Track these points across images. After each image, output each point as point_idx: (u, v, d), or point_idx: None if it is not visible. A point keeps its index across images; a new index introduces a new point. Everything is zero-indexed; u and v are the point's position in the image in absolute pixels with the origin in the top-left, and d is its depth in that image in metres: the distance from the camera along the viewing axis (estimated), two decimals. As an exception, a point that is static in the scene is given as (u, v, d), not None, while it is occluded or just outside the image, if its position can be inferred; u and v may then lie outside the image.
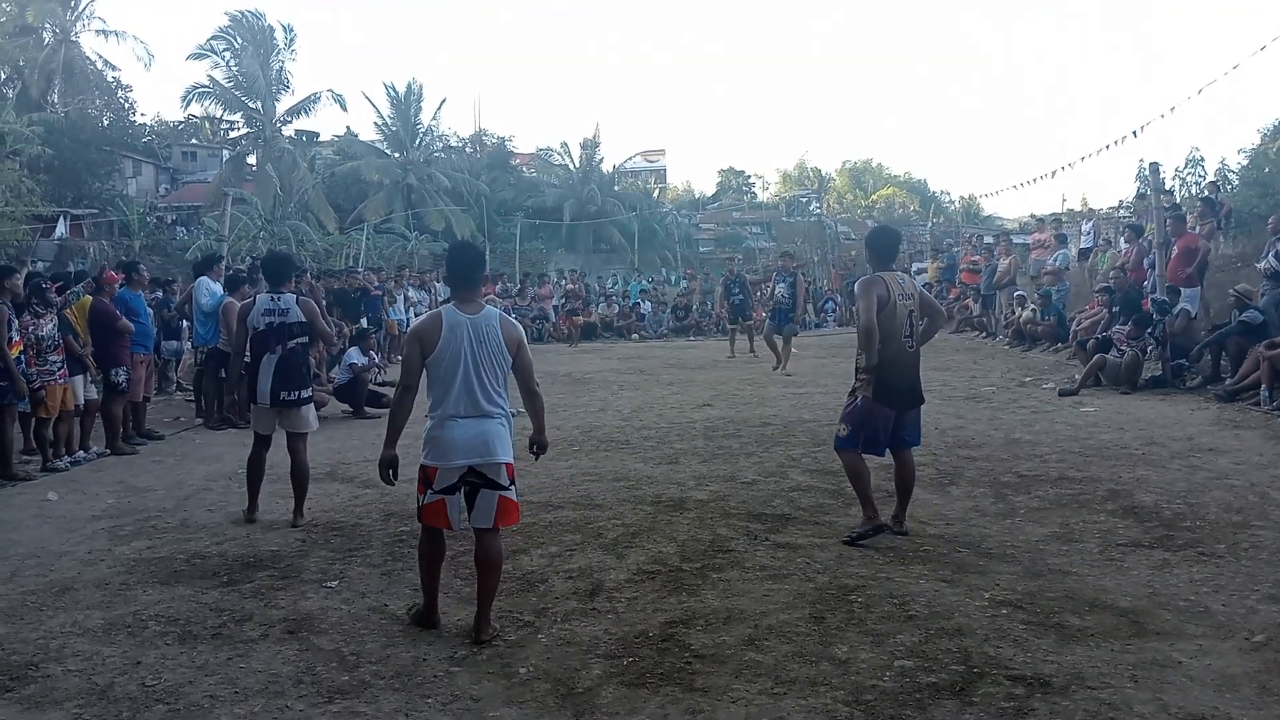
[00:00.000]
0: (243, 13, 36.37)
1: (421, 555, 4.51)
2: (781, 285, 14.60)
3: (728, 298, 17.24)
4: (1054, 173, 37.47)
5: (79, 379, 8.96)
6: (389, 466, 4.45)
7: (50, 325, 8.61)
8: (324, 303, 13.13)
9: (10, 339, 8.02)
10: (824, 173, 66.45)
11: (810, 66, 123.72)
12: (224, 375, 10.98)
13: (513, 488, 4.40)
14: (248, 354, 6.59)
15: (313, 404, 6.72)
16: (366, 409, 11.49)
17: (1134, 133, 14.74)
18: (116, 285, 9.78)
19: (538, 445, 4.65)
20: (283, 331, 6.42)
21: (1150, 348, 11.54)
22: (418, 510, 4.44)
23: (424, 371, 4.36)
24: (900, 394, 5.64)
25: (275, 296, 6.51)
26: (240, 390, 6.89)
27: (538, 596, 4.80)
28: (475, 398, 4.29)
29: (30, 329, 8.39)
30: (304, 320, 6.47)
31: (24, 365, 8.20)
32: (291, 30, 37.83)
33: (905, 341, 5.63)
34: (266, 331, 6.42)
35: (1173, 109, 17.71)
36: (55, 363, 8.56)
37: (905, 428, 5.75)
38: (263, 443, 6.64)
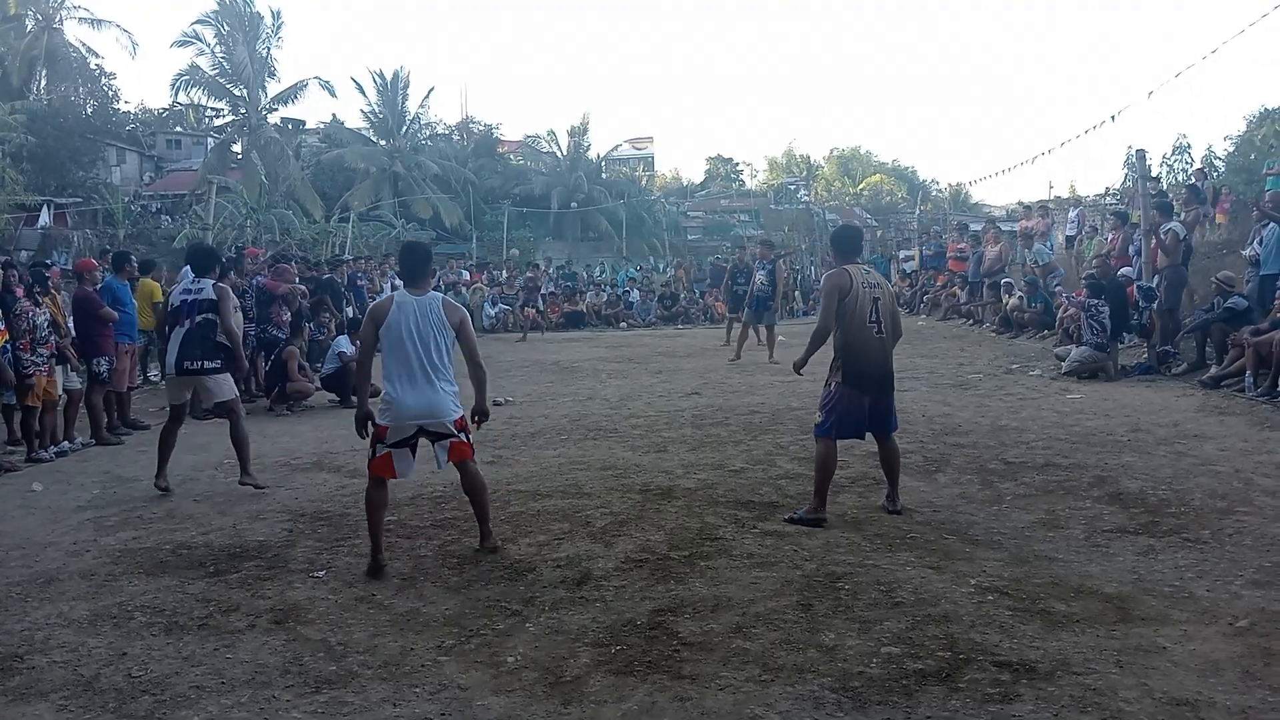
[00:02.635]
0: (233, -3, 36.05)
1: (369, 503, 5.10)
2: (761, 273, 14.53)
3: (731, 286, 16.77)
4: (1034, 159, 38.10)
5: (59, 369, 8.91)
6: (363, 422, 5.14)
7: (44, 314, 8.56)
8: (296, 283, 13.03)
9: (-4, 329, 7.98)
10: (812, 160, 66.44)
11: (798, 54, 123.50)
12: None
13: (462, 434, 5.14)
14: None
15: (225, 376, 7.01)
16: (354, 398, 11.43)
17: (1111, 117, 14.91)
18: (97, 273, 9.71)
19: (479, 414, 5.32)
20: (193, 307, 6.90)
21: (1100, 319, 11.45)
22: (368, 463, 5.15)
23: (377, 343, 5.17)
24: (870, 379, 5.71)
25: (196, 280, 7.05)
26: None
27: (525, 585, 4.80)
28: (422, 365, 5.01)
29: (29, 314, 8.34)
30: (213, 299, 6.91)
31: (10, 354, 8.14)
32: (279, 16, 37.57)
33: (871, 327, 5.69)
34: (180, 306, 6.97)
35: (1150, 93, 17.94)
36: (43, 355, 8.50)
37: (881, 414, 5.83)
38: (174, 416, 7.15)
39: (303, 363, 11.87)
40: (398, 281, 20.23)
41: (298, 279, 13.50)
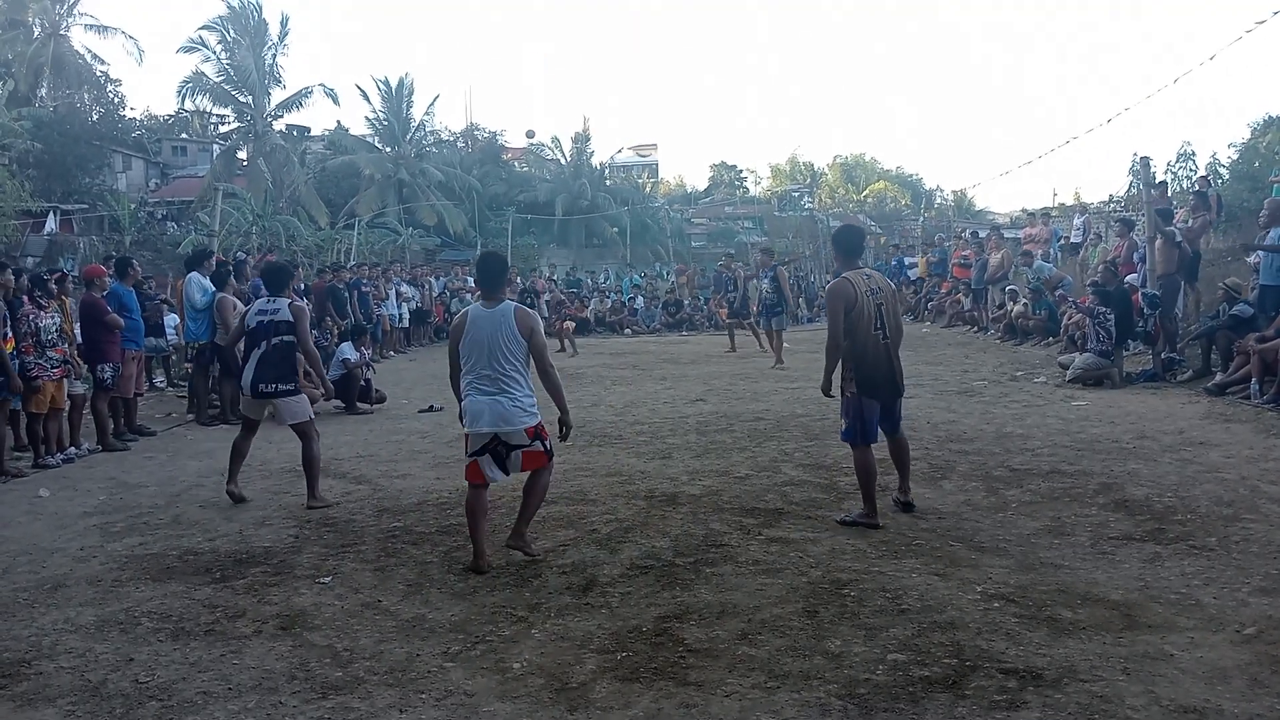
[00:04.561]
0: (242, 2, 36.11)
1: (468, 509, 5.26)
2: (765, 282, 14.78)
3: (726, 295, 17.54)
4: (1030, 161, 38.20)
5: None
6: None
7: (51, 318, 8.58)
8: (326, 302, 13.13)
9: (4, 334, 7.99)
10: (816, 167, 66.44)
11: (802, 61, 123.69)
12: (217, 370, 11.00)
13: (536, 442, 5.20)
14: (240, 348, 7.20)
15: (299, 397, 6.97)
16: (358, 404, 11.47)
17: (1107, 120, 14.88)
18: (105, 279, 9.74)
19: (564, 426, 5.36)
20: (270, 329, 6.85)
21: (1106, 326, 11.42)
22: (465, 470, 5.30)
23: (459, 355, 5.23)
24: (881, 385, 5.82)
25: (271, 299, 7.00)
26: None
27: (531, 592, 4.80)
28: (493, 376, 5.07)
29: (31, 317, 8.37)
30: (290, 320, 6.87)
31: (18, 355, 8.16)
32: (286, 23, 37.69)
33: (876, 334, 5.78)
34: (256, 328, 6.90)
35: (1148, 97, 18.06)
36: (54, 360, 8.52)
37: (891, 417, 5.97)
38: (247, 426, 7.14)
39: (308, 369, 11.86)
40: (403, 288, 20.32)
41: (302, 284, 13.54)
